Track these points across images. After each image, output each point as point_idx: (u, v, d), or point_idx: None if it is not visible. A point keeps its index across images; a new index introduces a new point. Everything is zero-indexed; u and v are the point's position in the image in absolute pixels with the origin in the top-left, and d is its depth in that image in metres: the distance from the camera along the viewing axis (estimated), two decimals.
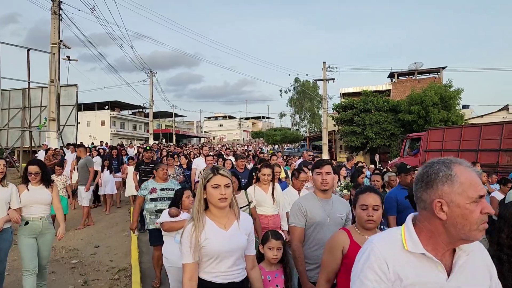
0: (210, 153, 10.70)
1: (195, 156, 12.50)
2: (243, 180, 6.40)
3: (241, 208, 3.19)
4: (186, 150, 19.13)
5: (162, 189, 5.37)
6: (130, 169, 10.36)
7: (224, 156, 10.56)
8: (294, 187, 5.31)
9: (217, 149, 24.62)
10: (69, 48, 15.76)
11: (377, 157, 22.77)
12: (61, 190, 7.82)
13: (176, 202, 4.37)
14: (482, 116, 27.96)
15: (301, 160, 11.74)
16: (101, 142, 23.21)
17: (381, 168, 12.73)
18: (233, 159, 9.62)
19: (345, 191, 6.18)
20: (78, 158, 9.54)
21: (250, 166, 10.00)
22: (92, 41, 48.11)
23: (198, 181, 6.54)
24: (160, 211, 4.88)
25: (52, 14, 15.20)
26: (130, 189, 10.19)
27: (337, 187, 6.37)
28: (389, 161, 20.45)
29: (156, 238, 5.08)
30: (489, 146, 12.21)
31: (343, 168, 8.15)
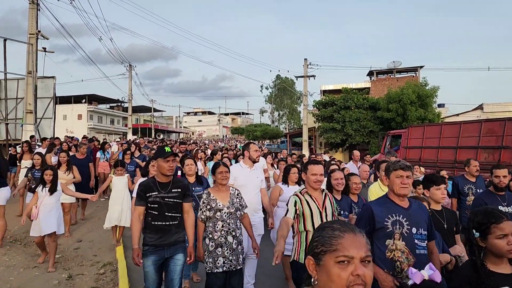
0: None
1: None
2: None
3: None
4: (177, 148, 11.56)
5: None
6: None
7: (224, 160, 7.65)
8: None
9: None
10: (47, 39, 15.29)
11: None
12: None
13: None
14: (457, 114, 28.60)
15: (352, 164, 8.42)
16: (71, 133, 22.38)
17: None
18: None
19: None
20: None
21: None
22: (70, 32, 46.84)
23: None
24: None
25: (30, 3, 14.72)
26: (116, 215, 6.70)
27: None
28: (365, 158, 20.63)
29: None
30: (468, 144, 12.48)
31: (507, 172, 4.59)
